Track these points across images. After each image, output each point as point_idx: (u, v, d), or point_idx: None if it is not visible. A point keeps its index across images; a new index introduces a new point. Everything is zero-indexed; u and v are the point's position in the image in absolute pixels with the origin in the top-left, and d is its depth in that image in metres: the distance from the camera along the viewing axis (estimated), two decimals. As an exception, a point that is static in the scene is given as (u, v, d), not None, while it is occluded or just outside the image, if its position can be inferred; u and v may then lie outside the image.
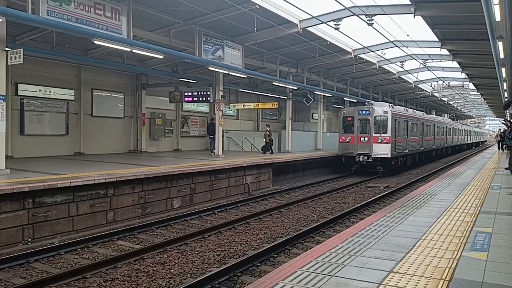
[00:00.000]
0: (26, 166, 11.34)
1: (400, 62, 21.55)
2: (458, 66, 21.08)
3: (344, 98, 26.37)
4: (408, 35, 26.50)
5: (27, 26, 12.17)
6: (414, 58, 19.98)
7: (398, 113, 21.13)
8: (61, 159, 14.11)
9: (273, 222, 9.85)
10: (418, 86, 30.27)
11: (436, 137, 29.51)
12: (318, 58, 18.81)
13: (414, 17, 12.07)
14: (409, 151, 22.37)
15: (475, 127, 69.80)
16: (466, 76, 24.02)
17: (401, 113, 21.84)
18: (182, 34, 14.33)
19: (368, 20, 12.53)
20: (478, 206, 6.91)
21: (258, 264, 6.65)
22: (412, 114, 24.27)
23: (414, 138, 23.65)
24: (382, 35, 14.25)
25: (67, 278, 5.96)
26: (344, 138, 20.48)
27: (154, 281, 6.01)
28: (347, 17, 13.30)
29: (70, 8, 9.79)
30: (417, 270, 3.69)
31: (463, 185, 9.87)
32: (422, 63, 21.43)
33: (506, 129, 12.54)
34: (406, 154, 22.01)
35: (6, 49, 9.42)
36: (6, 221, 7.58)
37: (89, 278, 6.04)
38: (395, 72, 25.03)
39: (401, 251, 4.28)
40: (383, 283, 3.36)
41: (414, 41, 17.04)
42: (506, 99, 20.60)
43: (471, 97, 41.11)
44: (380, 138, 19.26)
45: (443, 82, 29.16)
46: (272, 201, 12.91)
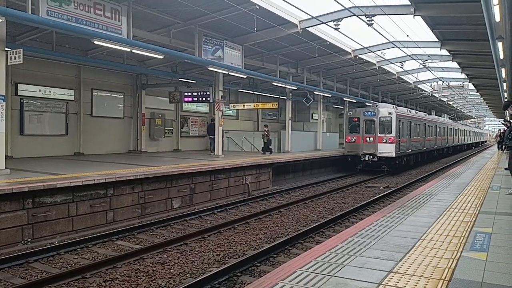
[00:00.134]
0: (26, 166, 11.34)
1: (399, 62, 21.61)
2: (458, 67, 21.09)
3: (343, 99, 26.38)
4: (407, 36, 26.44)
5: (27, 26, 12.17)
6: (413, 59, 20.01)
7: (402, 114, 21.69)
8: (60, 159, 14.11)
9: (272, 222, 9.85)
10: (418, 86, 30.29)
11: (437, 137, 30.02)
12: (318, 58, 18.83)
13: (414, 17, 12.08)
14: (412, 151, 22.93)
15: (475, 128, 69.85)
16: (466, 76, 24.04)
17: (404, 114, 22.38)
18: (182, 34, 14.33)
19: (368, 20, 12.54)
20: (477, 206, 6.91)
21: (258, 264, 6.65)
22: (414, 115, 24.83)
23: (417, 138, 24.20)
24: (382, 36, 14.29)
25: (67, 278, 5.96)
26: (350, 138, 21.04)
27: (154, 281, 6.01)
28: (347, 17, 13.32)
29: (70, 8, 9.80)
30: (416, 270, 3.69)
31: (463, 185, 9.87)
32: (421, 64, 21.46)
33: (506, 129, 12.55)
34: (409, 154, 22.57)
35: (6, 49, 9.41)
36: (6, 221, 7.59)
37: (88, 278, 6.04)
38: (395, 72, 25.05)
39: (400, 251, 4.28)
40: (383, 283, 3.36)
41: (414, 41, 17.05)
42: (506, 100, 20.63)
43: (471, 97, 41.12)
44: (385, 138, 19.88)
45: (443, 82, 29.17)
46: (271, 201, 12.91)
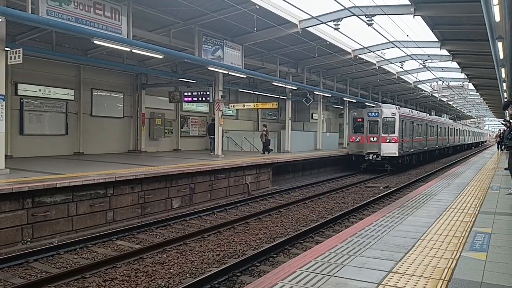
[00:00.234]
0: (26, 165, 11.34)
1: (399, 62, 21.62)
2: (458, 67, 21.09)
3: (343, 99, 26.39)
4: (407, 36, 26.45)
5: (27, 26, 12.16)
6: (413, 59, 20.01)
7: (405, 114, 22.20)
8: (60, 159, 14.11)
9: (272, 222, 9.85)
10: (418, 86, 30.29)
11: (438, 137, 30.42)
12: (318, 58, 18.83)
13: (413, 17, 12.07)
14: (414, 150, 23.46)
15: (475, 128, 69.90)
16: (466, 76, 24.04)
17: (407, 114, 22.87)
18: (182, 34, 14.33)
19: (367, 20, 12.54)
20: (477, 206, 6.91)
21: (258, 264, 6.65)
22: (417, 116, 25.32)
23: (419, 138, 24.72)
24: (382, 36, 14.28)
25: (66, 278, 5.96)
26: (354, 138, 21.54)
27: (153, 281, 6.01)
28: (347, 17, 13.32)
29: (70, 8, 9.80)
30: (416, 270, 3.69)
31: (463, 185, 9.87)
32: (421, 64, 21.47)
33: (506, 129, 12.55)
34: (412, 153, 23.09)
35: (6, 48, 9.41)
36: (5, 220, 7.58)
37: (88, 278, 6.04)
38: (395, 72, 25.05)
39: (400, 251, 4.28)
40: (382, 283, 3.36)
41: (414, 41, 17.05)
42: (506, 100, 20.63)
43: (471, 97, 41.13)
44: (388, 138, 20.42)
45: (443, 82, 29.17)
46: (271, 201, 12.91)
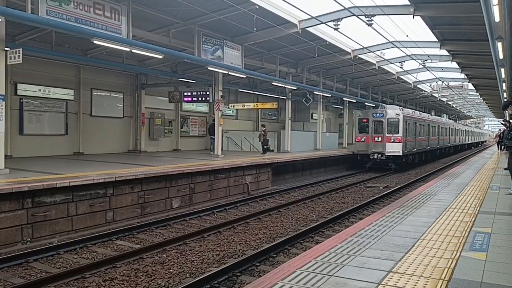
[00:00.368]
0: (25, 165, 11.33)
1: (399, 62, 21.64)
2: (458, 67, 21.09)
3: (343, 99, 26.38)
4: (407, 36, 26.46)
5: (27, 26, 12.15)
6: (413, 59, 20.02)
7: (408, 115, 22.96)
8: (60, 159, 14.10)
9: (272, 222, 9.85)
10: (418, 86, 30.31)
11: (440, 137, 31.00)
12: (318, 58, 18.82)
13: (413, 17, 12.06)
14: (417, 150, 24.19)
15: (475, 128, 69.96)
16: (465, 76, 24.04)
17: (410, 115, 23.64)
18: (182, 34, 14.32)
19: (367, 20, 12.54)
20: (477, 206, 6.91)
21: (257, 264, 6.65)
22: (419, 116, 26.03)
23: (422, 138, 25.43)
24: (382, 36, 14.29)
25: (66, 277, 5.96)
26: (359, 138, 22.33)
27: (153, 280, 6.01)
28: (347, 17, 13.31)
29: (70, 8, 9.79)
30: (416, 270, 3.69)
31: (462, 185, 9.87)
32: (421, 64, 21.48)
33: (505, 129, 12.55)
34: (415, 153, 23.83)
35: (6, 48, 9.41)
36: (5, 220, 7.58)
37: (88, 278, 6.04)
38: (395, 72, 25.05)
39: (400, 251, 4.28)
40: (382, 283, 3.36)
41: (414, 41, 17.05)
42: (505, 100, 20.64)
43: (470, 97, 41.14)
44: (392, 138, 21.16)
45: (442, 82, 29.18)
46: (271, 201, 12.91)
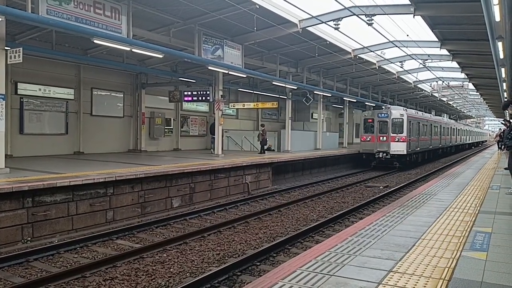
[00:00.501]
0: (26, 165, 11.34)
1: (399, 62, 21.63)
2: (458, 66, 21.10)
3: (343, 98, 26.37)
4: (407, 35, 26.55)
5: (27, 25, 12.14)
6: (413, 58, 20.00)
7: (412, 115, 23.63)
8: (60, 158, 14.10)
9: (272, 221, 9.85)
10: (418, 86, 30.31)
11: (442, 136, 31.57)
12: (318, 58, 18.81)
13: (413, 17, 12.07)
14: (420, 149, 24.90)
15: (475, 127, 69.97)
16: (466, 76, 24.06)
17: (414, 115, 24.40)
18: (182, 34, 14.32)
19: (367, 20, 12.53)
20: (477, 206, 6.91)
21: (258, 263, 6.65)
22: (422, 116, 26.68)
23: (425, 138, 26.13)
24: (382, 35, 14.28)
25: (67, 277, 5.97)
26: (365, 137, 23.07)
27: (154, 280, 6.01)
28: (347, 17, 13.31)
29: (70, 7, 9.79)
30: (416, 269, 3.69)
31: (463, 185, 9.87)
32: (421, 63, 21.48)
33: (506, 129, 12.54)
34: (418, 152, 24.59)
35: (6, 48, 9.41)
36: (6, 220, 7.58)
37: (88, 277, 6.04)
38: (395, 72, 25.06)
39: (400, 251, 4.28)
40: (383, 283, 3.36)
41: (414, 41, 17.04)
42: (506, 100, 20.62)
43: (471, 97, 41.11)
44: (397, 137, 21.82)
45: (443, 82, 29.17)
46: (271, 200, 12.91)
